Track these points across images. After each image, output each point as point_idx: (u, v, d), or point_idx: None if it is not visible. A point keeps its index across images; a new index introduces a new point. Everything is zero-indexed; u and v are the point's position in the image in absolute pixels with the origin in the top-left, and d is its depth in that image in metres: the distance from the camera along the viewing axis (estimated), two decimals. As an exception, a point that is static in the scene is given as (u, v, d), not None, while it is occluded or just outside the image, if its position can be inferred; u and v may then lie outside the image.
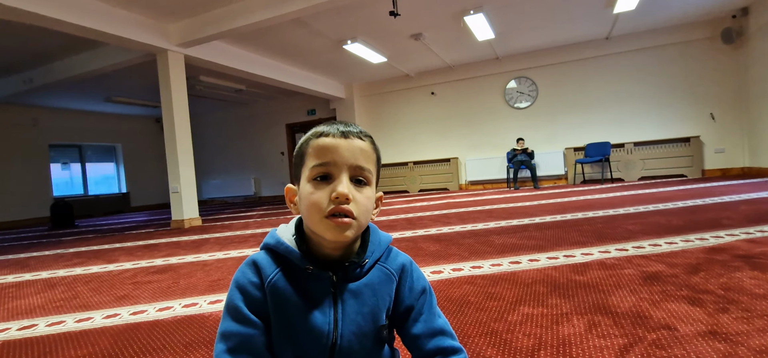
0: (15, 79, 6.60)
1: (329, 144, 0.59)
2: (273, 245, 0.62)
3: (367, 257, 0.63)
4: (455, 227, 3.16)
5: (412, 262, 0.69)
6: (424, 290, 0.67)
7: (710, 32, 6.52)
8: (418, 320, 0.65)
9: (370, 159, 0.62)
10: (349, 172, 0.59)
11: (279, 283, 0.60)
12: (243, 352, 0.57)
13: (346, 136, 0.60)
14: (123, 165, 10.55)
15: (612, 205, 3.75)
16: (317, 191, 0.58)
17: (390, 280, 0.65)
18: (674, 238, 2.17)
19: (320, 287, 0.61)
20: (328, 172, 0.58)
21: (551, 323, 1.17)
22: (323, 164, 0.58)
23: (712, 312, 1.15)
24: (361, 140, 0.61)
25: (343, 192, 0.56)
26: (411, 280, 0.67)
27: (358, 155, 0.59)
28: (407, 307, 0.66)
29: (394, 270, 0.66)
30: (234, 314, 0.59)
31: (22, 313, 1.76)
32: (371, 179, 0.62)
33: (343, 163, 0.58)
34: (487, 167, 8.12)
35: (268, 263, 0.61)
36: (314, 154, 0.59)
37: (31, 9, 3.79)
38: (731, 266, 1.57)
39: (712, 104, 6.64)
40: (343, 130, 0.60)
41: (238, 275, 0.61)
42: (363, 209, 0.59)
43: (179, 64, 5.41)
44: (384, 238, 0.68)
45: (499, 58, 7.92)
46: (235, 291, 0.60)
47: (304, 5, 4.39)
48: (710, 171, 6.64)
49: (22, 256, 3.58)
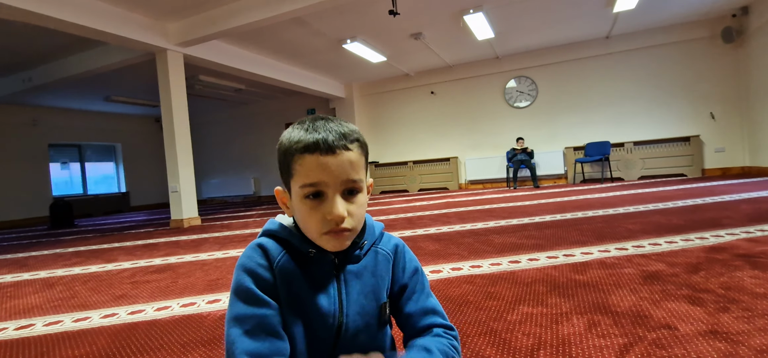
0: (14, 79, 6.59)
1: (317, 163, 0.56)
2: (275, 230, 0.63)
3: (365, 239, 0.65)
4: (455, 227, 3.16)
5: (405, 244, 0.72)
6: (417, 269, 0.70)
7: (710, 31, 6.51)
8: (411, 298, 0.68)
9: (360, 165, 0.59)
10: (341, 188, 0.57)
11: (287, 265, 0.60)
12: (261, 333, 0.56)
13: (333, 152, 0.56)
14: (122, 165, 10.54)
15: (612, 204, 3.74)
16: (311, 212, 0.57)
17: (387, 260, 0.68)
18: (674, 237, 2.16)
19: (323, 269, 0.62)
20: (319, 190, 0.57)
21: (551, 323, 1.17)
22: (313, 184, 0.56)
23: (713, 312, 1.15)
24: (349, 151, 0.57)
25: (339, 214, 0.56)
26: (404, 260, 0.70)
27: (348, 170, 0.57)
28: (402, 286, 0.68)
29: (389, 251, 0.69)
30: (245, 296, 0.58)
31: (20, 313, 1.75)
32: (363, 185, 0.60)
33: (335, 182, 0.56)
34: (486, 167, 8.11)
35: (274, 247, 0.61)
36: (302, 171, 0.57)
37: (30, 8, 3.78)
38: (732, 266, 1.57)
39: (712, 103, 6.63)
40: (329, 144, 0.56)
41: (244, 259, 0.61)
42: (358, 217, 0.59)
43: (178, 63, 5.40)
44: (377, 225, 0.70)
45: (498, 58, 7.92)
46: (243, 275, 0.59)
47: (303, 4, 4.39)
48: (710, 170, 6.64)
49: (21, 255, 3.57)
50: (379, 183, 9.03)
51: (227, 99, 9.56)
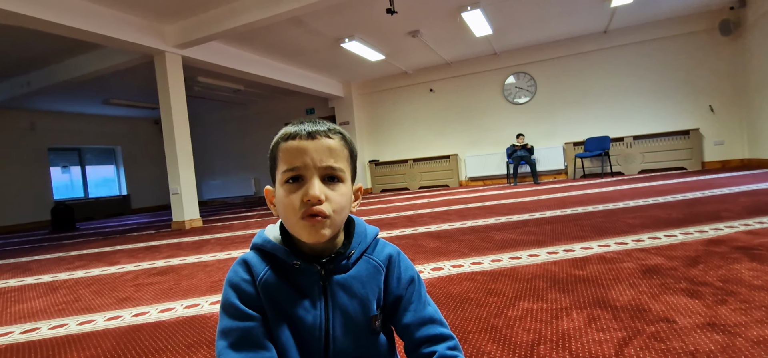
0: (12, 83, 6.59)
1: (297, 147, 0.59)
2: (260, 244, 0.64)
3: (353, 248, 0.64)
4: (455, 224, 3.17)
5: (400, 252, 0.70)
6: (412, 279, 0.68)
7: (708, 24, 6.51)
8: (408, 309, 0.66)
9: (341, 156, 0.61)
10: (319, 172, 0.58)
11: (270, 280, 0.61)
12: (244, 346, 0.58)
13: (313, 137, 0.59)
14: (123, 167, 10.56)
15: (612, 199, 3.75)
16: (290, 195, 0.58)
17: (378, 271, 0.66)
18: (673, 231, 2.17)
19: (309, 280, 0.62)
20: (299, 174, 0.58)
21: (551, 318, 1.18)
22: (293, 168, 0.58)
23: (711, 304, 1.16)
24: (329, 138, 0.60)
25: (314, 194, 0.56)
26: (398, 270, 0.68)
27: (326, 155, 0.59)
28: (396, 297, 0.67)
29: (381, 261, 0.67)
30: (231, 311, 0.60)
31: (25, 316, 1.77)
32: (345, 176, 0.61)
33: (313, 165, 0.58)
34: (486, 163, 8.12)
35: (257, 262, 0.62)
36: (284, 158, 0.60)
37: (28, 13, 3.79)
38: (730, 258, 1.58)
39: (711, 96, 6.64)
40: (309, 130, 0.60)
41: (231, 274, 0.63)
42: (338, 206, 0.59)
43: (177, 65, 5.41)
44: (370, 230, 0.69)
45: (497, 54, 7.92)
46: (229, 290, 0.61)
47: (301, 4, 4.39)
48: (710, 163, 6.65)
49: (24, 260, 3.59)
50: (380, 181, 9.04)
51: (226, 100, 9.57)
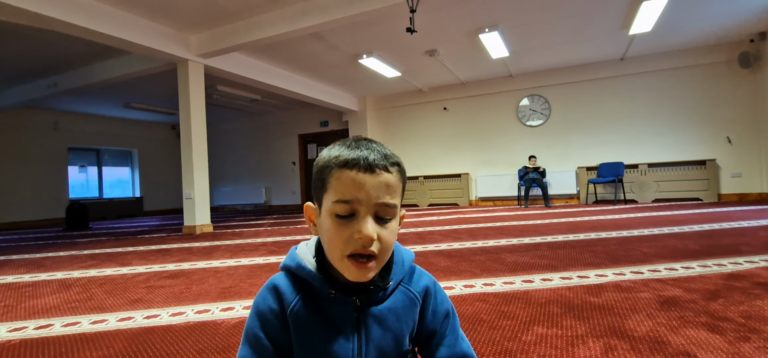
0: (40, 84, 6.81)
1: (353, 179, 0.54)
2: (294, 268, 0.60)
3: (391, 278, 0.61)
4: (466, 243, 3.14)
5: (436, 283, 0.67)
6: (448, 313, 0.66)
7: (727, 56, 6.45)
8: (442, 344, 0.64)
9: (397, 190, 0.57)
10: (374, 210, 0.54)
11: (301, 311, 0.58)
12: None
13: (372, 171, 0.54)
14: (138, 170, 10.75)
15: (626, 226, 3.69)
16: (339, 229, 0.54)
17: (414, 304, 0.63)
18: (691, 262, 2.12)
19: (343, 312, 0.59)
20: (352, 210, 0.54)
21: (566, 345, 1.16)
22: (346, 202, 0.53)
23: (733, 340, 1.13)
24: (389, 173, 0.56)
25: (367, 235, 0.53)
26: (435, 303, 0.65)
27: (383, 192, 0.54)
28: (430, 331, 0.64)
29: (418, 293, 0.64)
30: (253, 341, 0.58)
31: (39, 312, 1.79)
32: (396, 212, 0.57)
33: (369, 202, 0.54)
34: (498, 184, 8.07)
35: (288, 289, 0.60)
36: (337, 186, 0.54)
37: (63, 17, 3.94)
38: (752, 294, 1.54)
39: (729, 128, 6.54)
40: (369, 161, 0.54)
41: (259, 299, 0.60)
42: (387, 245, 0.55)
43: (199, 73, 5.54)
44: (407, 256, 0.65)
45: (512, 76, 7.94)
46: (254, 319, 0.59)
47: (323, 20, 4.48)
48: (726, 195, 6.51)
49: (38, 256, 3.65)
50: (390, 197, 9.02)
51: (243, 109, 9.73)
